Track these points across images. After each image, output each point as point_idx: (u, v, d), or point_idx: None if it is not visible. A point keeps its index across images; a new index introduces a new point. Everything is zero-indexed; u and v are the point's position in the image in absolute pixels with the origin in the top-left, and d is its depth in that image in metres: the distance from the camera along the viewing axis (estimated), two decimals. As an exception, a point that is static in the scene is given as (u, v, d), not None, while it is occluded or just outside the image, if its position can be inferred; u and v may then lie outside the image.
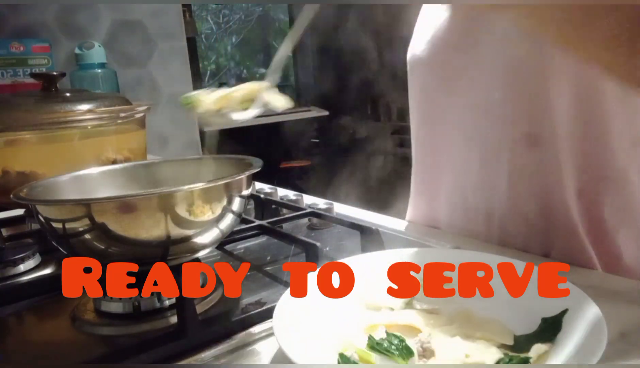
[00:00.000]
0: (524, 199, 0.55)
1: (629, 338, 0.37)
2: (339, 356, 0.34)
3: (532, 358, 0.33)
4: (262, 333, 0.41)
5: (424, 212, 0.70)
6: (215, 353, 0.39)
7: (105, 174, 0.57)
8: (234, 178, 0.44)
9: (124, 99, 0.81)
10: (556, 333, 0.35)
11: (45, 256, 0.61)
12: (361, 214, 0.75)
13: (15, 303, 0.50)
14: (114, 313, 0.45)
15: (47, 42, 1.54)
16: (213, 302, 0.47)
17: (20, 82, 1.47)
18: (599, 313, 0.33)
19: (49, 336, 0.46)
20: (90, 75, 1.51)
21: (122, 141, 0.78)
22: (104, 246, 0.41)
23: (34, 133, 0.70)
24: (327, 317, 0.39)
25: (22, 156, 0.71)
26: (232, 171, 0.46)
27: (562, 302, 0.36)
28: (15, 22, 1.59)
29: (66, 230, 0.41)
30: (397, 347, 0.35)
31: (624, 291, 0.45)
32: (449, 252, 0.52)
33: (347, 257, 0.46)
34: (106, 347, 0.43)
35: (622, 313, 0.41)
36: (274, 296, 0.46)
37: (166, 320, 0.44)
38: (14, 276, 0.57)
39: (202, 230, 0.43)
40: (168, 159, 0.63)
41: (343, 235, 0.66)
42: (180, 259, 0.45)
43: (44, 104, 0.72)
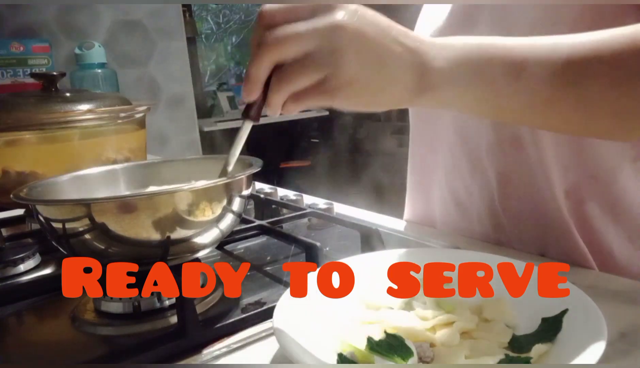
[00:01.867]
0: (515, 199, 0.55)
1: (629, 338, 0.37)
2: (338, 356, 0.34)
3: (533, 358, 0.33)
4: (262, 333, 0.41)
5: (419, 211, 0.70)
6: (215, 353, 0.39)
7: (105, 174, 0.57)
8: (234, 178, 0.44)
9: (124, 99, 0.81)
10: (556, 333, 0.35)
11: (45, 256, 0.61)
12: (361, 214, 0.75)
13: (15, 303, 0.50)
14: (114, 313, 0.45)
15: (47, 42, 1.54)
16: (213, 302, 0.47)
17: (20, 82, 1.47)
18: (599, 313, 0.33)
19: (49, 336, 0.46)
20: (90, 75, 1.51)
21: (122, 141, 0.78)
22: (104, 246, 0.41)
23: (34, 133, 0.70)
24: (327, 317, 0.39)
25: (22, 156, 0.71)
26: (232, 171, 0.46)
27: (562, 302, 0.36)
28: (15, 22, 1.59)
29: (66, 229, 0.41)
30: (396, 347, 0.35)
31: (623, 291, 0.45)
32: (449, 252, 0.52)
33: (347, 257, 0.46)
34: (106, 347, 0.43)
35: (622, 313, 0.41)
36: (274, 296, 0.46)
37: (166, 320, 0.44)
38: (14, 276, 0.57)
39: (202, 229, 0.43)
40: (168, 159, 0.63)
41: (343, 235, 0.66)
42: (180, 259, 0.45)
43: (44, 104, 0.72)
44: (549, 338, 0.35)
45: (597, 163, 0.51)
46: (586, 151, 0.51)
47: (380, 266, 0.45)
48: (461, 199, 0.62)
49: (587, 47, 0.37)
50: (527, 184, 0.54)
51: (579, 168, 0.51)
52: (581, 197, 0.52)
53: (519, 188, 0.55)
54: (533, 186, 0.53)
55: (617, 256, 0.53)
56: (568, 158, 0.51)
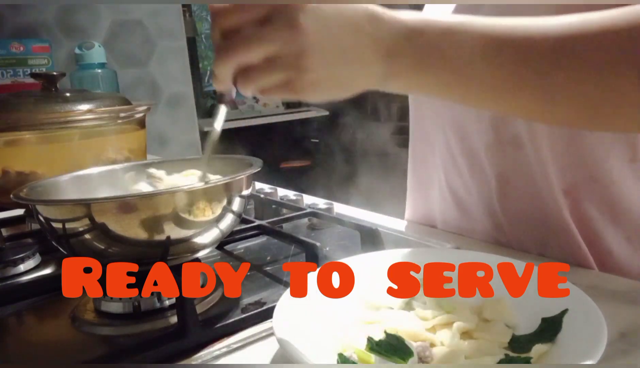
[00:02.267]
0: (514, 199, 0.55)
1: (629, 338, 0.37)
2: (338, 356, 0.34)
3: (533, 358, 0.33)
4: (262, 333, 0.41)
5: (420, 211, 0.71)
6: (215, 353, 0.39)
7: (105, 174, 0.57)
8: (234, 178, 0.44)
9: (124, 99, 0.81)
10: (556, 333, 0.35)
11: (45, 256, 0.61)
12: (361, 214, 0.75)
13: (15, 303, 0.50)
14: (114, 313, 0.45)
15: (47, 42, 1.54)
16: (213, 302, 0.47)
17: (20, 82, 1.47)
18: (599, 313, 0.33)
19: (49, 336, 0.46)
20: (90, 75, 1.50)
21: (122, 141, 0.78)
22: (104, 246, 0.41)
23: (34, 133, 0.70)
24: (327, 317, 0.39)
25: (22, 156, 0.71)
26: (232, 171, 0.46)
27: (562, 302, 0.36)
28: (15, 22, 1.59)
29: (66, 229, 0.41)
30: (396, 347, 0.35)
31: (623, 291, 0.45)
32: (449, 252, 0.52)
33: (347, 257, 0.46)
34: (106, 347, 0.43)
35: (622, 313, 0.41)
36: (274, 296, 0.46)
37: (166, 320, 0.44)
38: (14, 276, 0.57)
39: (202, 229, 0.43)
40: (168, 159, 0.63)
41: (343, 235, 0.66)
42: (180, 259, 0.45)
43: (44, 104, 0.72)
44: (549, 338, 0.35)
45: (595, 163, 0.51)
46: (584, 152, 0.51)
47: (380, 266, 0.45)
48: (461, 199, 0.62)
49: (559, 35, 0.35)
50: (526, 184, 0.54)
51: (577, 168, 0.51)
52: (580, 197, 0.52)
53: (518, 188, 0.55)
54: (532, 186, 0.53)
55: (616, 256, 0.53)
56: (566, 158, 0.51)
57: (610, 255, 0.53)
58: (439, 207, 0.66)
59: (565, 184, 0.52)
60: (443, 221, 0.66)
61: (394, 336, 0.36)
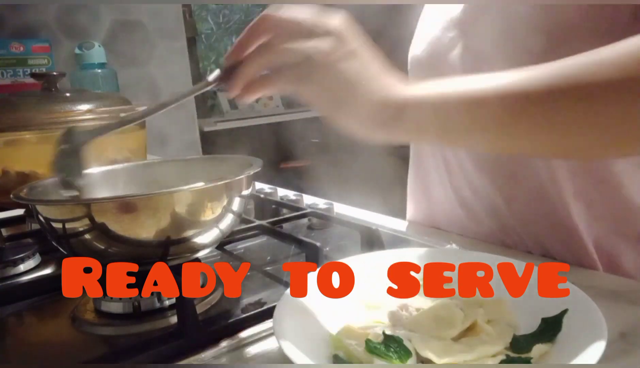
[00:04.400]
0: (521, 201, 0.55)
1: (629, 338, 0.37)
2: (334, 357, 0.34)
3: (533, 358, 0.33)
4: (262, 333, 0.41)
5: (422, 211, 0.70)
6: (215, 353, 0.39)
7: (105, 174, 0.57)
8: (234, 178, 0.44)
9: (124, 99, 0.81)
10: (556, 333, 0.35)
11: (45, 256, 0.61)
12: (361, 214, 0.75)
13: (15, 303, 0.50)
14: (114, 313, 0.45)
15: (47, 42, 1.54)
16: (213, 302, 0.47)
17: (20, 82, 1.47)
18: (599, 313, 0.33)
19: (49, 336, 0.46)
20: (90, 75, 1.50)
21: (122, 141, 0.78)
22: (104, 246, 0.41)
23: (34, 133, 0.70)
24: (327, 317, 0.39)
25: (22, 156, 0.71)
26: (232, 171, 0.46)
27: (562, 302, 0.36)
28: (15, 22, 1.59)
29: (66, 229, 0.41)
30: (395, 349, 0.35)
31: (624, 291, 0.45)
32: (449, 252, 0.52)
33: (347, 257, 0.46)
34: (106, 347, 0.43)
35: (622, 313, 0.41)
36: (274, 296, 0.46)
37: (166, 320, 0.44)
38: (14, 276, 0.57)
39: (202, 229, 0.43)
40: (168, 159, 0.63)
41: (343, 235, 0.66)
42: (180, 259, 0.45)
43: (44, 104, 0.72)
44: (549, 338, 0.35)
45: (605, 167, 0.50)
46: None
47: (380, 266, 0.45)
48: (466, 200, 0.61)
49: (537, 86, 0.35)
50: (534, 188, 0.53)
51: (587, 172, 0.51)
52: (591, 199, 0.52)
53: (526, 191, 0.54)
54: (540, 189, 0.53)
55: (625, 260, 0.53)
56: (576, 162, 0.51)
57: (619, 259, 0.53)
58: (442, 208, 0.66)
59: (575, 186, 0.52)
60: (448, 221, 0.66)
61: (393, 337, 0.36)
